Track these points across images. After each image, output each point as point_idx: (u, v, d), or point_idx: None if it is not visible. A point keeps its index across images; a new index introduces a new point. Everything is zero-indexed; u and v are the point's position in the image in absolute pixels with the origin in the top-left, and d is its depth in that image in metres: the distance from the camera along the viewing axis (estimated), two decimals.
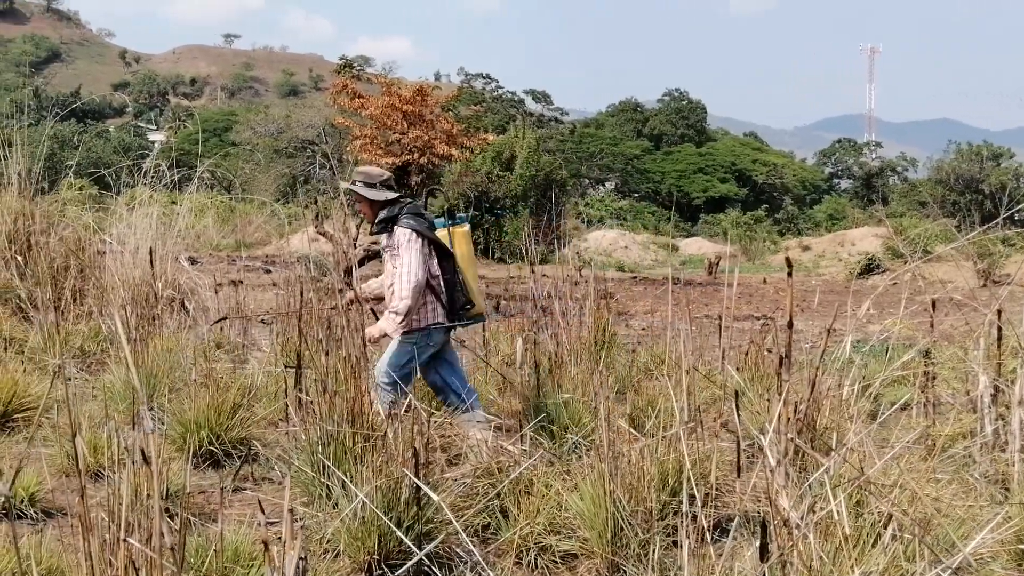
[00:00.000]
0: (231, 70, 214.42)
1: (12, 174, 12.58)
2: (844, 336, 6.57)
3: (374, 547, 5.18)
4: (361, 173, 7.29)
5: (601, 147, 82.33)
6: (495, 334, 11.24)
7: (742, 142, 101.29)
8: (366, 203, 7.28)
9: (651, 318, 12.86)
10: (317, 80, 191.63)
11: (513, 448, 6.33)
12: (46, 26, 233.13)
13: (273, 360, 9.41)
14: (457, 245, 7.24)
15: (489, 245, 32.84)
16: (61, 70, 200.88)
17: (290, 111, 65.25)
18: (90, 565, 3.33)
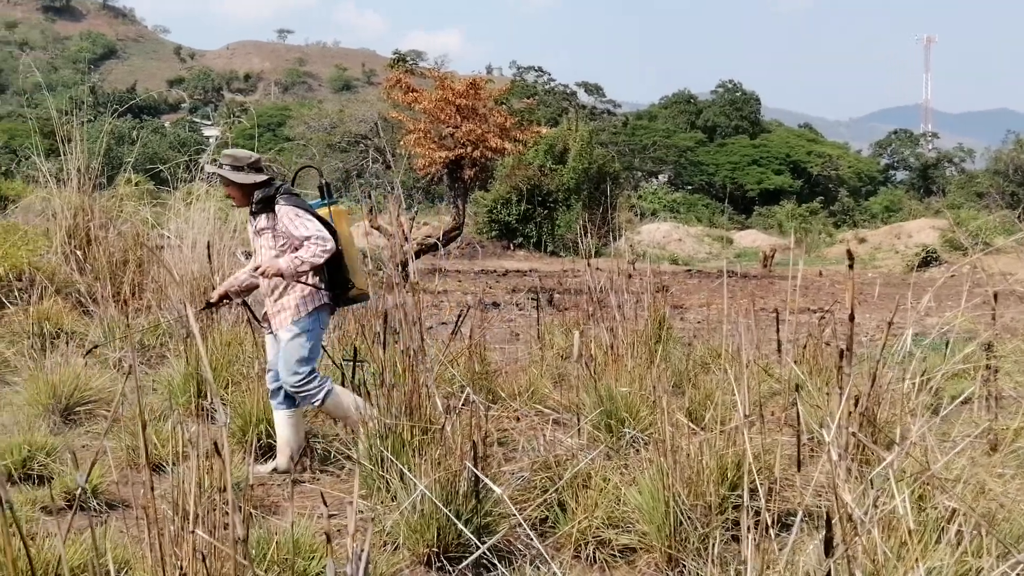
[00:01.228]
0: (284, 66, 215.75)
1: (72, 170, 12.73)
2: (904, 329, 6.48)
3: (433, 540, 5.20)
4: (228, 156, 6.98)
5: (654, 139, 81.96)
6: (550, 327, 11.22)
7: (796, 133, 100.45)
8: (234, 186, 6.95)
9: (707, 311, 12.78)
10: (370, 75, 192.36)
11: (571, 441, 6.32)
12: (102, 23, 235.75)
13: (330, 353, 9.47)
14: (338, 224, 6.97)
15: (541, 238, 32.84)
16: (117, 67, 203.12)
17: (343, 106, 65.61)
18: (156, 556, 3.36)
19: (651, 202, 58.28)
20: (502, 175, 33.84)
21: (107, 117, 14.57)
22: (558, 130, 37.99)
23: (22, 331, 10.06)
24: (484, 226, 33.44)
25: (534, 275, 24.13)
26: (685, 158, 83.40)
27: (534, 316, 12.63)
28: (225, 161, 6.91)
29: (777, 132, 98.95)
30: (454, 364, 8.32)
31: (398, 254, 14.81)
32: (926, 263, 29.27)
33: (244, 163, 6.91)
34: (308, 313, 6.82)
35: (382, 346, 6.68)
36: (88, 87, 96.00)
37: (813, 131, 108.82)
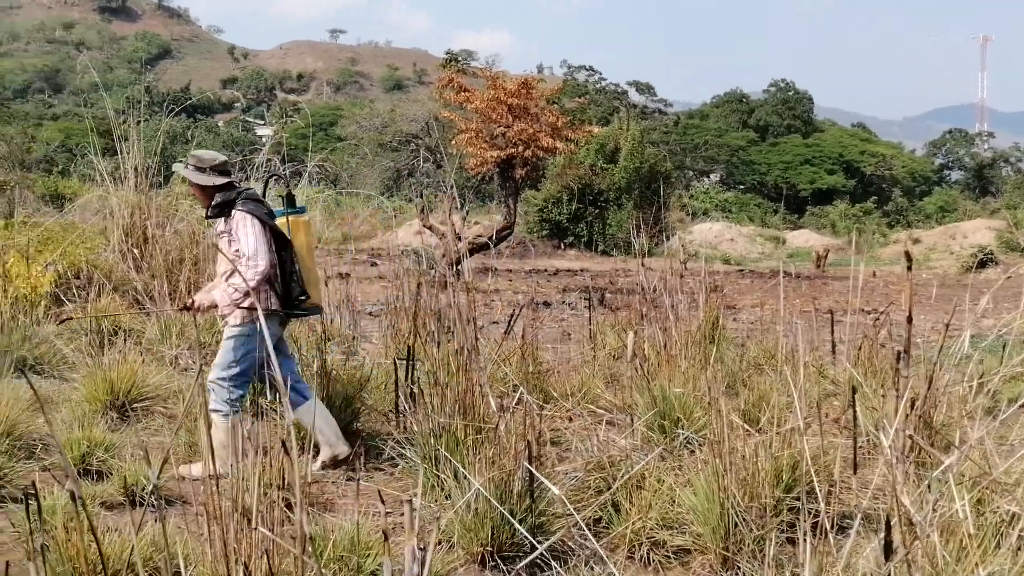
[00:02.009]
0: (337, 65, 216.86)
1: (129, 169, 12.87)
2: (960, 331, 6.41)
3: (487, 539, 5.21)
4: (193, 157, 6.94)
5: (706, 138, 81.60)
6: (601, 327, 11.20)
7: (850, 133, 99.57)
8: (197, 188, 6.95)
9: (760, 311, 12.71)
10: (421, 74, 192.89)
11: (624, 442, 6.32)
12: (157, 23, 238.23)
13: (383, 352, 9.51)
14: (295, 234, 6.88)
15: (592, 238, 32.80)
16: (172, 66, 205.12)
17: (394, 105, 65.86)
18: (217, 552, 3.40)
19: (703, 201, 58.01)
20: (553, 174, 33.82)
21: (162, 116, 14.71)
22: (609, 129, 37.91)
23: (80, 328, 10.19)
24: (535, 225, 33.44)
25: (585, 274, 24.11)
26: (737, 157, 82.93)
27: (585, 316, 12.62)
28: (190, 162, 6.91)
29: (830, 131, 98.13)
30: (506, 363, 8.34)
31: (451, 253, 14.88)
32: (982, 264, 28.91)
33: (207, 165, 6.89)
34: (253, 320, 6.74)
35: (436, 345, 6.71)
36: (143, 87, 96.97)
37: (866, 130, 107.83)
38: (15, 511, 5.78)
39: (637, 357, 7.61)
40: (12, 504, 5.93)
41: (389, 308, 10.22)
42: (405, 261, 14.48)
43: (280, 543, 3.29)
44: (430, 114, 54.23)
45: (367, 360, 9.29)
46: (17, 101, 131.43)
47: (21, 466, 6.44)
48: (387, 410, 7.97)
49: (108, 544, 4.63)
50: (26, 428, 6.98)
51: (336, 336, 10.43)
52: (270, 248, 6.67)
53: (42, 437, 7.14)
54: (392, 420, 7.73)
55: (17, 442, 6.76)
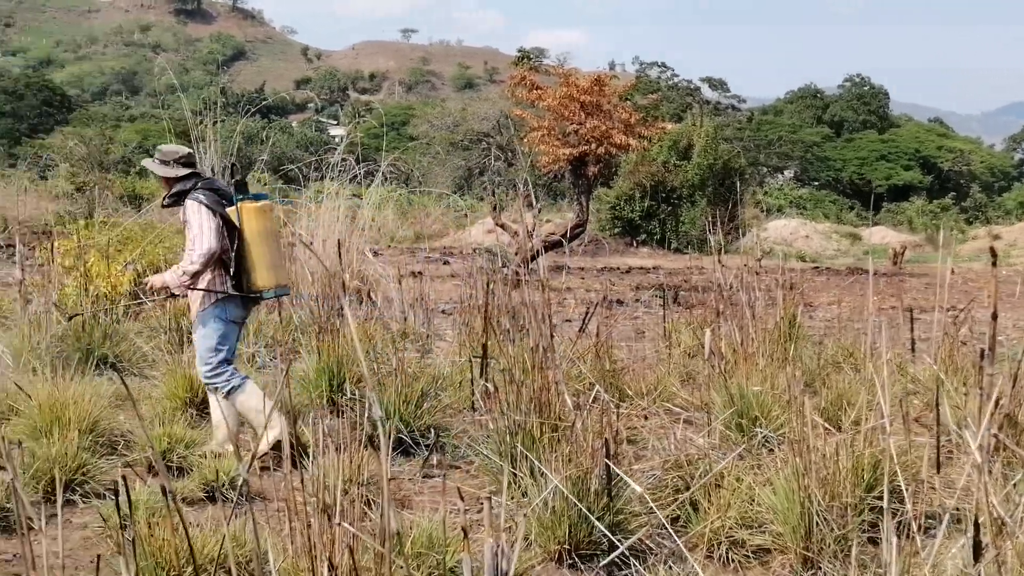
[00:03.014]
0: (408, 65, 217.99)
1: (206, 169, 13.01)
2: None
3: (564, 537, 5.19)
4: (159, 152, 7.27)
5: (780, 134, 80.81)
6: (676, 325, 11.13)
7: (926, 128, 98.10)
8: (162, 180, 7.28)
9: (838, 309, 12.55)
10: (492, 73, 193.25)
11: (702, 441, 6.27)
12: (232, 25, 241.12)
13: (456, 350, 9.53)
14: (246, 221, 7.02)
15: (665, 235, 32.65)
16: (246, 67, 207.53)
17: (466, 104, 65.99)
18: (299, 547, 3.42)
19: (777, 198, 57.47)
20: (625, 171, 33.69)
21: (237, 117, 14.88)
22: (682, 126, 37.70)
23: (159, 326, 10.34)
24: (607, 223, 33.35)
25: (658, 272, 24.00)
26: (811, 153, 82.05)
27: (659, 313, 12.55)
28: (157, 156, 7.26)
29: (906, 127, 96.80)
30: (581, 361, 8.31)
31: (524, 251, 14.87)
32: None
33: (170, 158, 7.22)
34: (213, 304, 7.04)
35: (511, 343, 6.71)
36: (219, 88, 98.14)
37: (944, 125, 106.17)
38: (98, 506, 5.87)
39: (715, 355, 7.54)
40: (96, 499, 6.02)
41: (462, 306, 10.24)
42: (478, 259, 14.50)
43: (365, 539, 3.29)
44: (501, 112, 54.26)
45: (441, 358, 9.33)
46: (96, 103, 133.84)
47: (103, 462, 6.54)
48: (462, 408, 7.99)
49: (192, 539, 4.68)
50: (107, 425, 7.10)
51: (411, 334, 10.49)
52: (219, 235, 6.92)
53: (123, 433, 7.25)
54: (467, 417, 7.75)
55: (99, 438, 6.87)
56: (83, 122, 69.78)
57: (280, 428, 6.91)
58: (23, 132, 77.22)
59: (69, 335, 9.23)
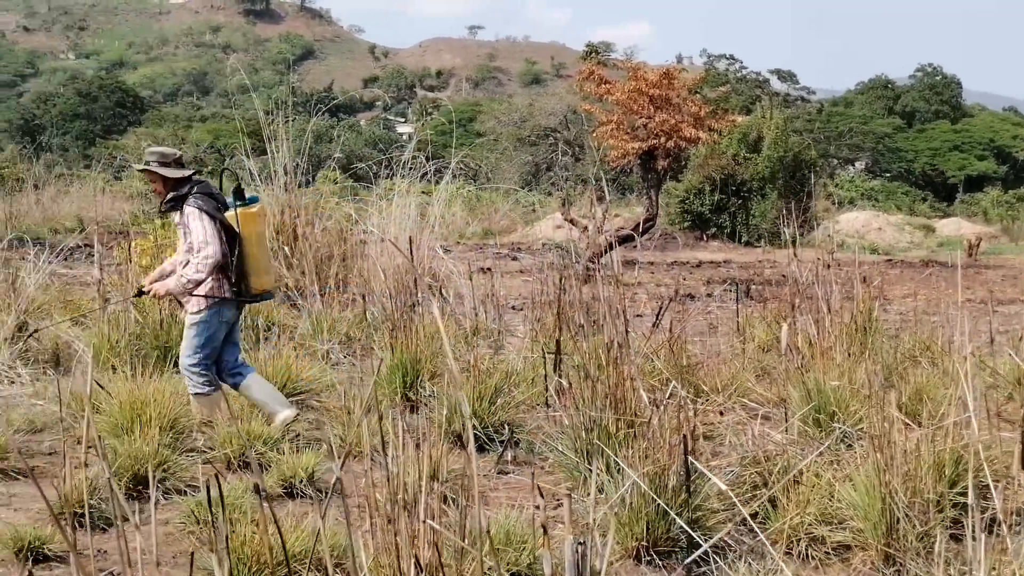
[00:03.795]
0: (475, 61, 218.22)
1: (279, 168, 13.14)
2: None
3: (642, 534, 5.17)
4: (155, 153, 7.28)
5: (850, 126, 79.77)
6: (749, 319, 11.04)
7: (1001, 117, 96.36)
8: (161, 181, 7.23)
9: (915, 301, 12.36)
10: (559, 68, 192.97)
11: (780, 437, 6.21)
12: (300, 25, 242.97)
13: (528, 346, 9.52)
14: (244, 225, 7.14)
15: (735, 228, 32.40)
16: (314, 67, 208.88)
17: (532, 100, 65.87)
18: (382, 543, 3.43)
19: (848, 190, 56.73)
20: (695, 165, 33.47)
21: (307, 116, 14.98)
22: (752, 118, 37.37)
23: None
24: (676, 217, 33.16)
25: (729, 266, 23.84)
26: (883, 144, 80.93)
27: (731, 308, 12.45)
28: (153, 158, 7.26)
29: (980, 116, 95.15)
30: (655, 357, 8.27)
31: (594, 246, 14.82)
32: None
33: (170, 159, 7.31)
34: (208, 307, 7.18)
35: (584, 338, 6.69)
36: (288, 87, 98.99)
37: (1019, 114, 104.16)
38: (179, 502, 5.95)
39: (791, 350, 7.46)
40: (176, 496, 6.10)
41: (533, 302, 10.24)
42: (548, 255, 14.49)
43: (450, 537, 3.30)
44: (568, 107, 54.16)
45: (513, 354, 9.33)
46: (167, 104, 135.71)
47: (183, 459, 6.62)
48: (535, 404, 7.98)
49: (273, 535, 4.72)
50: (187, 422, 7.18)
51: (482, 330, 10.50)
52: (220, 239, 7.08)
53: (203, 430, 7.33)
54: (540, 413, 7.74)
55: (179, 435, 6.95)
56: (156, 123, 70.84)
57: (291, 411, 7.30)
58: (97, 133, 78.54)
59: (147, 333, 9.36)
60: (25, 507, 6.12)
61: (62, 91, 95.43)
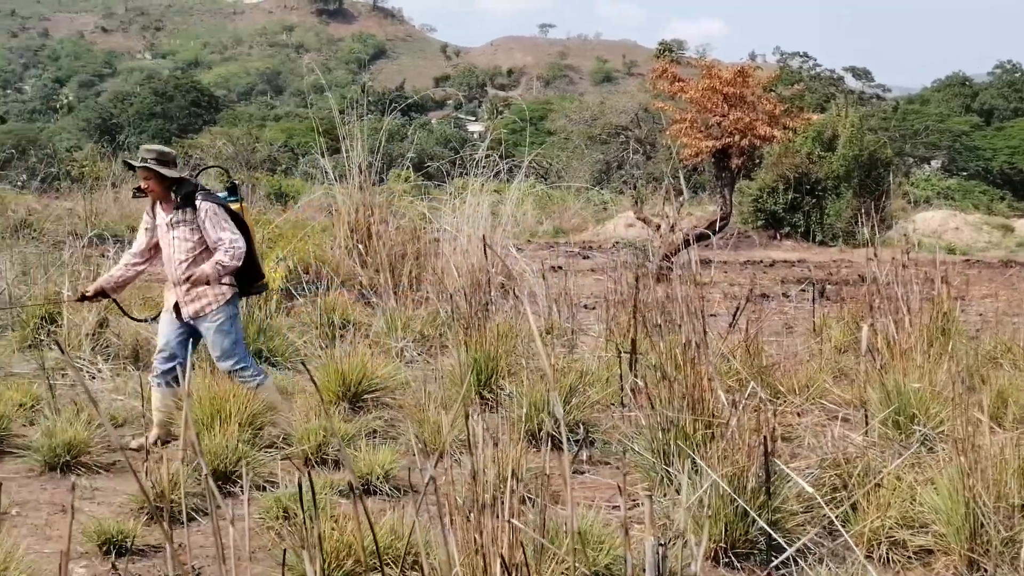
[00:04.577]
0: (546, 59, 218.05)
1: (353, 167, 13.23)
2: None
3: (720, 535, 5.14)
4: (153, 151, 7.20)
5: (926, 124, 78.60)
6: (826, 320, 10.93)
7: None
8: (157, 180, 7.15)
9: (995, 302, 12.16)
10: (630, 66, 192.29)
11: (859, 439, 6.13)
12: (373, 24, 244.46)
13: (602, 345, 9.50)
14: (246, 219, 7.41)
15: (809, 227, 32.05)
16: (386, 66, 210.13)
17: (604, 98, 65.79)
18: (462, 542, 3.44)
19: (924, 189, 55.89)
20: (768, 163, 33.15)
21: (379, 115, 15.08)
22: (826, 116, 36.94)
23: (311, 322, 10.55)
24: (749, 216, 32.86)
25: (803, 266, 23.60)
26: (960, 143, 79.61)
27: (806, 308, 12.33)
28: (150, 156, 7.19)
29: None
30: (732, 357, 8.20)
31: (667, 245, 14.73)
32: None
33: (169, 158, 7.29)
34: (227, 301, 7.25)
35: (661, 338, 6.66)
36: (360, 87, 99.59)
37: None
38: (257, 498, 6.01)
39: (871, 350, 7.36)
40: (256, 492, 6.16)
41: (607, 301, 10.21)
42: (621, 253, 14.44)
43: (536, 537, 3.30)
44: (640, 105, 54.02)
45: (587, 353, 9.31)
46: (242, 103, 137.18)
47: (262, 455, 6.69)
48: (610, 403, 7.96)
49: (351, 532, 4.75)
50: (266, 419, 7.26)
51: (555, 329, 10.50)
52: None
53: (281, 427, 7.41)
54: (615, 413, 7.72)
55: (258, 432, 7.03)
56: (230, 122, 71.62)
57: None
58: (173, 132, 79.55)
59: None
60: (107, 501, 6.22)
61: (139, 91, 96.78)
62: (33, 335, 9.97)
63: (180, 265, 7.18)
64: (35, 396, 7.91)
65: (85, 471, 6.70)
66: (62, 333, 9.73)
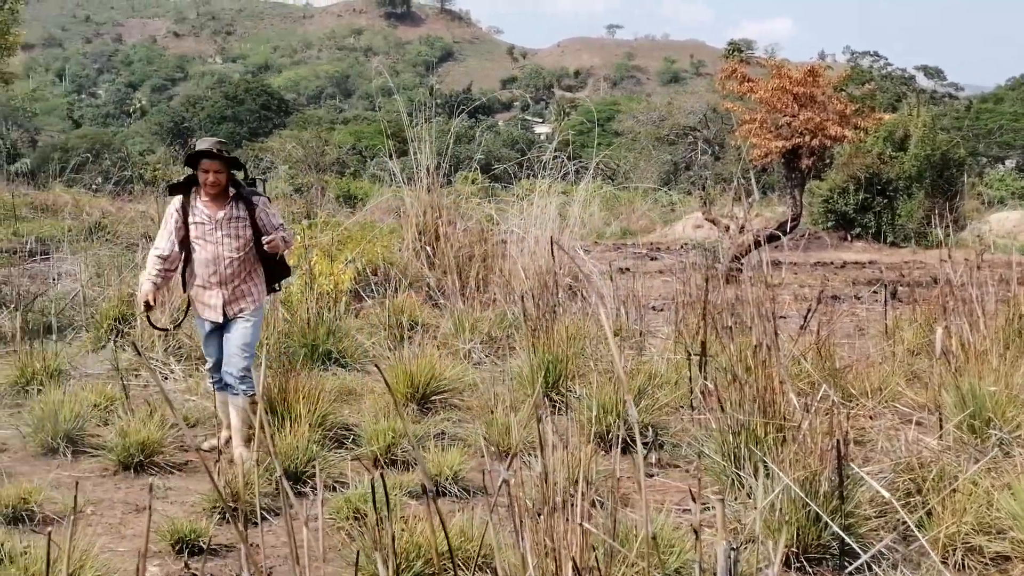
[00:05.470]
0: (613, 60, 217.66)
1: (422, 169, 13.27)
2: None
3: (792, 539, 5.08)
4: (221, 143, 7.05)
5: (1000, 123, 77.36)
6: (898, 322, 10.77)
7: None
8: (226, 174, 6.99)
9: None
10: (698, 66, 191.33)
11: (934, 443, 6.03)
12: (440, 27, 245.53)
13: (671, 347, 9.44)
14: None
15: (880, 228, 31.65)
16: (454, 68, 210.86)
17: (671, 98, 65.49)
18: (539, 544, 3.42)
19: (998, 189, 54.97)
20: (839, 164, 32.76)
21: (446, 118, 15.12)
22: (898, 116, 36.44)
23: (379, 323, 10.60)
24: (819, 216, 32.51)
25: (874, 267, 23.31)
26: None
27: (878, 310, 12.17)
28: (223, 147, 7.06)
29: None
30: (803, 359, 8.11)
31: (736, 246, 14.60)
32: None
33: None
34: (261, 303, 7.26)
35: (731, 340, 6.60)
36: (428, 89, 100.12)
37: None
38: (327, 499, 6.04)
39: (946, 353, 7.24)
40: (326, 492, 6.20)
41: (675, 303, 10.14)
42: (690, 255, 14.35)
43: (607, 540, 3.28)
44: (708, 106, 53.73)
45: (656, 355, 9.26)
46: (311, 106, 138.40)
47: (332, 455, 6.74)
48: (679, 406, 7.90)
49: (420, 533, 4.76)
50: (335, 419, 7.31)
51: (623, 331, 10.45)
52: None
53: (350, 427, 7.46)
54: (684, 415, 7.67)
55: (328, 432, 7.08)
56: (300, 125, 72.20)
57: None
58: (243, 136, 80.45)
59: (294, 332, 9.56)
60: (180, 500, 6.29)
61: (210, 94, 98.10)
62: (107, 336, 10.12)
63: (231, 263, 7.02)
64: (109, 396, 8.03)
65: (158, 471, 6.79)
66: (135, 334, 9.87)
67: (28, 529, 5.65)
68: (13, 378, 8.50)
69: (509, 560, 4.01)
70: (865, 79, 50.79)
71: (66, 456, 6.99)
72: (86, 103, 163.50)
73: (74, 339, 10.48)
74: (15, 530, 5.57)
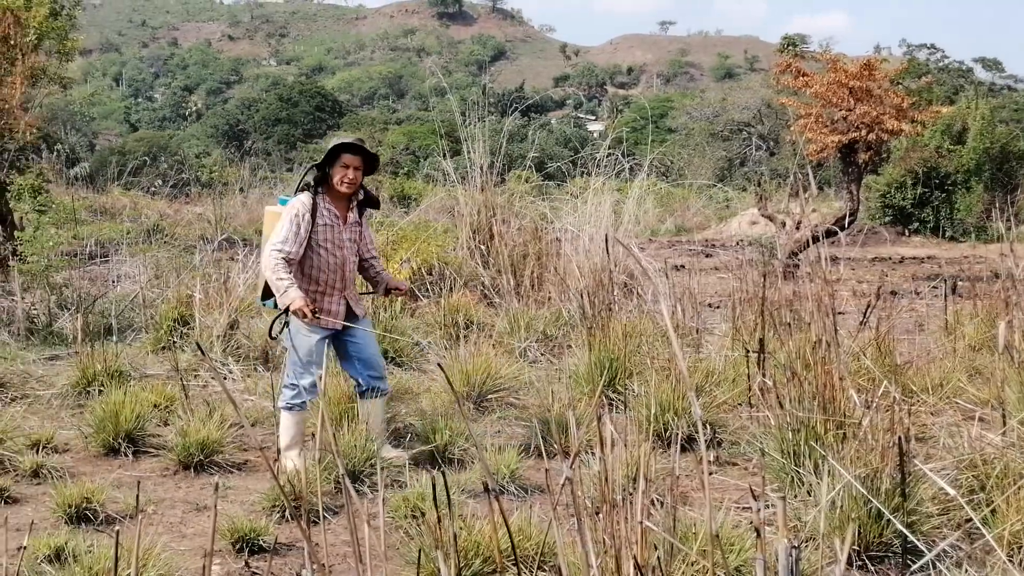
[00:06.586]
0: (666, 57, 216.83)
1: (475, 168, 13.30)
2: None
3: (853, 537, 5.02)
4: (363, 141, 6.75)
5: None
6: (958, 317, 10.63)
7: None
8: (362, 175, 6.72)
9: None
10: (752, 61, 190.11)
11: (998, 439, 5.94)
12: (492, 26, 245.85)
13: (728, 344, 9.38)
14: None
15: (939, 223, 31.30)
16: (506, 67, 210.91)
17: (725, 94, 65.12)
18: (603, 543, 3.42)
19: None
20: (896, 158, 32.44)
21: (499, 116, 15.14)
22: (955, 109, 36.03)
23: (434, 322, 10.63)
24: (876, 211, 32.20)
25: (933, 262, 23.05)
26: None
27: (937, 305, 12.03)
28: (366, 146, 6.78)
29: None
30: (862, 355, 8.03)
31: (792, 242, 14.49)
32: None
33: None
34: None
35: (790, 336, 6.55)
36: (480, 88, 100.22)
37: None
38: (386, 497, 6.06)
39: (1009, 348, 7.13)
40: (384, 490, 6.22)
41: (732, 299, 10.08)
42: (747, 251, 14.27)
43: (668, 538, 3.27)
44: (762, 101, 53.37)
45: (713, 352, 9.21)
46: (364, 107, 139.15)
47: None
48: (737, 403, 7.86)
49: (479, 531, 4.77)
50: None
51: (680, 329, 10.40)
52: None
53: (407, 426, 7.48)
54: (742, 413, 7.62)
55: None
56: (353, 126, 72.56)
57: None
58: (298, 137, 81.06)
59: None
60: (239, 499, 6.34)
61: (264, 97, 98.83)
62: (167, 337, 10.23)
63: (353, 269, 6.90)
64: (169, 397, 8.11)
65: (217, 470, 6.85)
66: (194, 335, 9.97)
67: (91, 528, 5.72)
68: (75, 379, 8.61)
69: (571, 559, 4.01)
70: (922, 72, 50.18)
71: (127, 456, 7.07)
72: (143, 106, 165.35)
73: (134, 340, 10.61)
74: (78, 529, 5.65)
